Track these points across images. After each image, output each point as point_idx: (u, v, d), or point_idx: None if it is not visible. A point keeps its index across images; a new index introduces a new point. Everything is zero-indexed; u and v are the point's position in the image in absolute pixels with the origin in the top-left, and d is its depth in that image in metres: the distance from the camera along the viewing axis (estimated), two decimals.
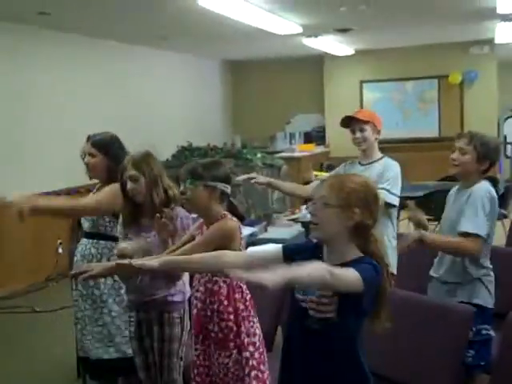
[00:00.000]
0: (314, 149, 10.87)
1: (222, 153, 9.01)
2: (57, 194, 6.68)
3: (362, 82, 11.35)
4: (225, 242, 2.64)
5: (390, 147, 10.24)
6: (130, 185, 2.97)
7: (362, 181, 2.13)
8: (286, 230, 5.56)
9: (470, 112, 10.66)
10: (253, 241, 4.72)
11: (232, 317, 2.70)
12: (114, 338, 3.36)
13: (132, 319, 3.14)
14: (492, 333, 3.09)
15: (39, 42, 7.28)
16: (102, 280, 3.30)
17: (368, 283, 1.94)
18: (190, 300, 2.94)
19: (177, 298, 3.01)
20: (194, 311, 2.80)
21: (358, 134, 3.75)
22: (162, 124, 9.68)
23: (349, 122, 3.78)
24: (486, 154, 3.16)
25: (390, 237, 3.60)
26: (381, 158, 3.78)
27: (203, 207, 2.73)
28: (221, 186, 2.73)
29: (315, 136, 11.60)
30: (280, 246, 2.23)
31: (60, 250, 3.51)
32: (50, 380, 4.23)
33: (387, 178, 3.61)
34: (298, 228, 5.56)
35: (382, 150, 3.80)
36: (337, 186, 2.09)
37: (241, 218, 2.84)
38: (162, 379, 3.04)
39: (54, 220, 5.65)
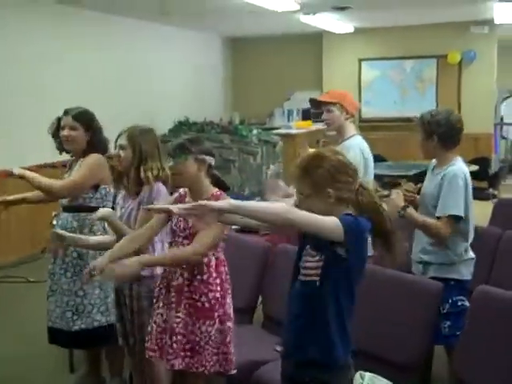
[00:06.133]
0: (310, 126, 10.87)
1: (218, 128, 9.03)
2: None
3: (360, 60, 11.30)
4: None
5: (386, 125, 10.36)
6: (116, 152, 3.06)
7: (321, 161, 2.17)
8: None
9: (468, 92, 10.63)
10: None
11: (219, 288, 2.78)
12: (92, 309, 3.45)
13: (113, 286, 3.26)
14: (467, 303, 3.16)
15: (43, 15, 7.25)
16: (85, 251, 3.40)
17: (349, 231, 2.04)
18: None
19: (144, 273, 3.01)
20: (179, 280, 2.79)
21: (325, 116, 3.86)
22: (162, 98, 9.67)
23: (318, 104, 3.87)
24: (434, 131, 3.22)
25: None
26: (351, 136, 3.84)
27: (193, 180, 2.78)
28: (209, 159, 2.78)
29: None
30: None
31: (54, 222, 3.56)
32: (40, 349, 4.27)
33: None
34: (290, 202, 5.55)
35: (377, 128, 3.84)
36: (301, 176, 2.18)
37: (225, 188, 2.91)
38: (138, 348, 3.11)
39: None
